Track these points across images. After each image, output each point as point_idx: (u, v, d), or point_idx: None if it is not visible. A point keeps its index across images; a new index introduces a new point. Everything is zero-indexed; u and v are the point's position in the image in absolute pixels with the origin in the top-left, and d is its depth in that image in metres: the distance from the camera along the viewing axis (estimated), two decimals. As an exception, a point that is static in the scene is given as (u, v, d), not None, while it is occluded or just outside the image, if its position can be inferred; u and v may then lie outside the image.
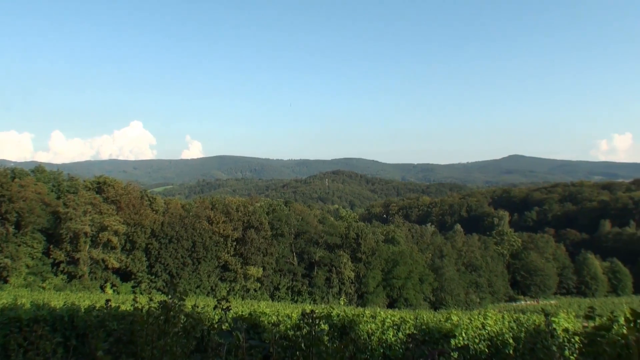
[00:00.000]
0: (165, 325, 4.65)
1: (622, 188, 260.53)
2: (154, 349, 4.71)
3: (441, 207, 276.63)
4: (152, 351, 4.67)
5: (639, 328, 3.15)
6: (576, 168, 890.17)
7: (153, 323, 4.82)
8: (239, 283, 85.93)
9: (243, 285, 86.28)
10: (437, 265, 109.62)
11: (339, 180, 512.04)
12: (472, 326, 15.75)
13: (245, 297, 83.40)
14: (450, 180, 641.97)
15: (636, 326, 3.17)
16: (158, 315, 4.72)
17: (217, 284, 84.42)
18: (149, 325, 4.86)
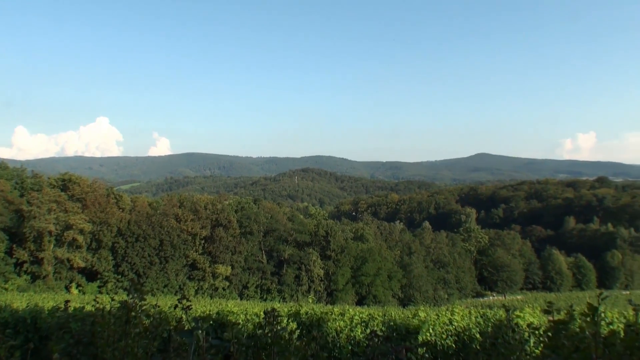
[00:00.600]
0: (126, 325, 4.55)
1: (586, 186, 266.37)
2: (114, 350, 4.61)
3: (410, 204, 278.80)
4: (112, 352, 4.57)
5: (595, 321, 3.22)
6: (542, 166, 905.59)
7: (114, 324, 4.72)
8: (207, 282, 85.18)
9: (211, 284, 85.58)
10: (405, 262, 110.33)
11: (308, 178, 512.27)
12: (439, 322, 15.86)
13: (213, 295, 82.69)
14: (418, 178, 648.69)
15: (593, 320, 3.24)
16: (119, 315, 4.62)
17: (185, 283, 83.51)
18: (110, 326, 4.76)
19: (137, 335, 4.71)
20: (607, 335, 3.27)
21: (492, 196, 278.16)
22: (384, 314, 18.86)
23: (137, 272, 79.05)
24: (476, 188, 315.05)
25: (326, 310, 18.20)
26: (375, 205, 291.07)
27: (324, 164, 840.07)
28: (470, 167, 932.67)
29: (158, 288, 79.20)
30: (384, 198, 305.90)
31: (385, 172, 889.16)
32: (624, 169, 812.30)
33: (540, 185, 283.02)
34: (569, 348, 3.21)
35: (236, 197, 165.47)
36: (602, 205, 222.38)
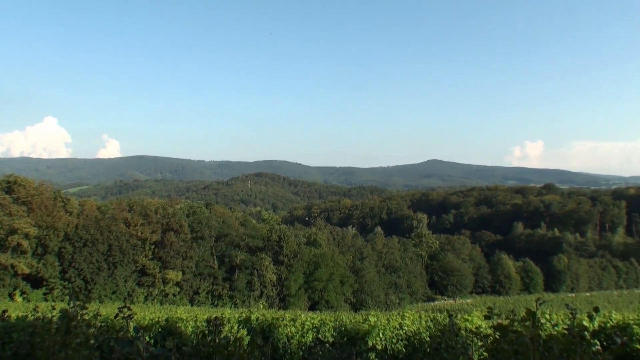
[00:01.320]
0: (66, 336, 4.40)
1: (533, 192, 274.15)
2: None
3: (362, 209, 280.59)
4: (52, 363, 4.43)
5: (537, 325, 3.32)
6: (491, 173, 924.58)
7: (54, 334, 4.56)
8: (157, 288, 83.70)
9: (161, 290, 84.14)
10: (357, 267, 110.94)
11: (261, 182, 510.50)
12: (389, 326, 15.98)
13: (163, 302, 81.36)
14: (371, 183, 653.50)
15: (535, 324, 3.33)
16: (59, 325, 4.47)
17: (135, 289, 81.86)
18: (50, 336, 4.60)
19: (79, 346, 4.57)
20: (546, 339, 3.37)
21: (443, 202, 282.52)
22: (335, 319, 18.91)
23: (85, 279, 77.14)
24: (427, 194, 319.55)
25: (277, 316, 18.14)
26: (328, 210, 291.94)
27: (277, 168, 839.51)
28: (422, 173, 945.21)
29: (106, 295, 77.44)
30: (337, 203, 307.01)
31: (338, 177, 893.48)
32: (570, 177, 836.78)
33: (489, 191, 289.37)
34: (509, 352, 3.31)
35: (188, 201, 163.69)
36: (549, 211, 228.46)
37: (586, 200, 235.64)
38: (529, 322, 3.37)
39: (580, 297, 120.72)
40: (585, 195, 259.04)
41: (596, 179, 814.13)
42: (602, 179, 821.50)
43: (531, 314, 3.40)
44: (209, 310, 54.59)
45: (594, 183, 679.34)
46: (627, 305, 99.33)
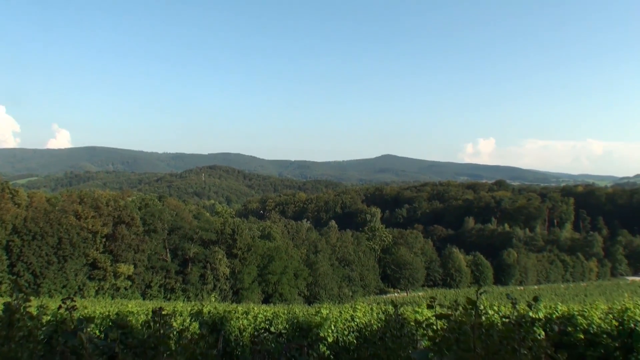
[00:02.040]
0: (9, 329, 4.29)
1: (485, 188, 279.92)
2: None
3: (317, 203, 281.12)
4: (-6, 357, 4.31)
5: (480, 314, 3.43)
6: (444, 169, 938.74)
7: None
8: (108, 282, 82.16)
9: (113, 283, 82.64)
10: (311, 260, 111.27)
11: (215, 175, 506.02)
12: (341, 319, 16.12)
13: (115, 296, 79.96)
14: (326, 177, 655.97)
15: (478, 313, 3.44)
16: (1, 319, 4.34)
17: (86, 283, 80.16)
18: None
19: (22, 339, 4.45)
20: (487, 327, 3.49)
21: (396, 196, 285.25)
22: (288, 312, 18.98)
23: (34, 273, 75.27)
24: (381, 188, 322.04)
25: (230, 309, 18.10)
26: (283, 204, 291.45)
27: (232, 161, 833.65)
28: (376, 168, 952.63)
29: (56, 289, 75.64)
30: (292, 197, 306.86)
31: (293, 171, 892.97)
32: (520, 173, 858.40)
33: (442, 187, 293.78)
34: (451, 340, 3.41)
35: (140, 193, 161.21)
36: (500, 206, 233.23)
37: (536, 196, 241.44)
38: (471, 311, 3.48)
39: (529, 289, 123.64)
40: (535, 191, 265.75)
41: (546, 176, 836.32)
42: (552, 177, 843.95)
43: (472, 303, 3.51)
44: (161, 303, 54.00)
45: (543, 180, 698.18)
46: (573, 297, 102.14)
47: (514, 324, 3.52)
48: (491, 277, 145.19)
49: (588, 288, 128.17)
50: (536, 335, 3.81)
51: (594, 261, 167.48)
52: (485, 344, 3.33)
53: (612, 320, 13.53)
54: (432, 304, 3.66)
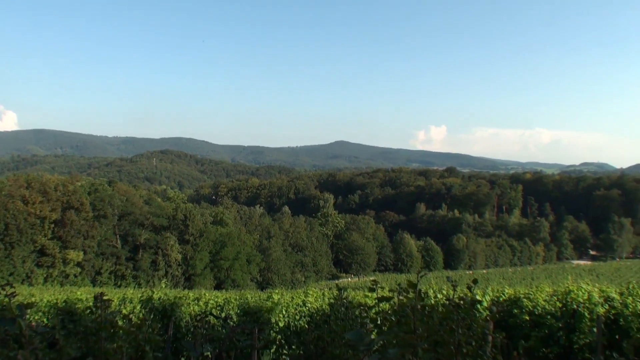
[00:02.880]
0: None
1: (436, 175, 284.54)
2: None
3: (270, 189, 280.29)
4: None
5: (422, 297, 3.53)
6: (396, 155, 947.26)
7: None
8: (57, 269, 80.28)
9: (62, 270, 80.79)
10: (264, 246, 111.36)
11: (167, 160, 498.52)
12: (293, 304, 16.21)
13: (64, 283, 78.23)
14: (279, 163, 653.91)
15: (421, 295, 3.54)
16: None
17: (33, 271, 78.08)
18: None
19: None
20: (428, 309, 3.58)
21: (349, 182, 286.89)
22: (240, 298, 18.95)
23: (-22, 260, 73.05)
24: (334, 174, 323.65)
25: (181, 295, 17.97)
26: (235, 189, 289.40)
27: (184, 146, 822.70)
28: (329, 154, 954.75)
29: (3, 277, 73.45)
30: (245, 182, 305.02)
31: (246, 156, 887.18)
32: (470, 161, 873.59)
33: (394, 173, 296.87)
34: (392, 322, 3.50)
35: (89, 178, 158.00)
36: (450, 193, 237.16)
37: (485, 183, 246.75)
38: (412, 294, 3.56)
39: (477, 274, 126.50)
40: (484, 178, 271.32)
41: (495, 164, 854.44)
42: (501, 164, 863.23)
43: (412, 286, 3.59)
44: (111, 290, 53.19)
45: (493, 167, 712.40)
46: (520, 281, 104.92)
47: (454, 306, 3.63)
48: (441, 261, 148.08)
49: (535, 272, 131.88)
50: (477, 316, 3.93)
51: (540, 246, 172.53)
52: (426, 325, 3.43)
53: (556, 302, 14.00)
54: (374, 287, 3.72)
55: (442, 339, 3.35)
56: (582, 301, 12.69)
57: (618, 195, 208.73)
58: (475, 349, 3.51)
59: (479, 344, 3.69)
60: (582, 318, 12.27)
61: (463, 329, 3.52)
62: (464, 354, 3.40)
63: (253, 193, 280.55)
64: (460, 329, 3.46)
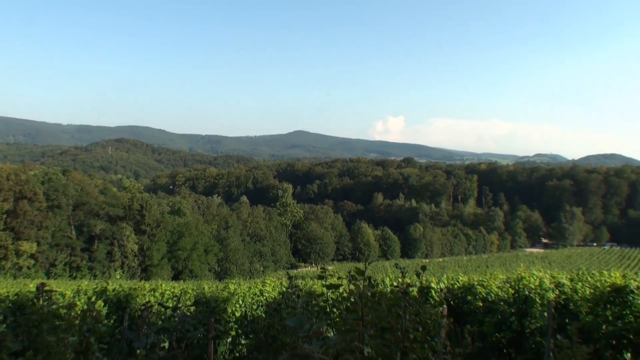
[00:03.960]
0: None
1: (393, 165, 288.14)
2: None
3: (228, 178, 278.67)
4: None
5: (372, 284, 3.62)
6: (355, 146, 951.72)
7: None
8: (10, 260, 78.27)
9: (15, 262, 78.81)
10: (222, 236, 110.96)
11: (123, 148, 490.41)
12: (250, 293, 16.23)
13: (17, 276, 76.35)
14: (237, 152, 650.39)
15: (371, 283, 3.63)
16: None
17: (-16, 263, 76.29)
18: None
19: None
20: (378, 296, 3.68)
21: (308, 172, 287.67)
22: (197, 288, 18.89)
23: None
24: (293, 164, 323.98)
25: (136, 287, 17.80)
26: (193, 178, 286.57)
27: (140, 134, 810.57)
28: (288, 143, 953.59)
29: (-49, 269, 71.51)
30: (203, 172, 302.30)
31: (204, 145, 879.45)
32: (427, 151, 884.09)
33: (352, 163, 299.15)
34: (340, 308, 3.60)
35: (43, 167, 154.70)
36: (407, 183, 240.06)
37: (442, 173, 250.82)
38: (360, 282, 3.65)
39: (434, 262, 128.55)
40: (441, 169, 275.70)
41: (451, 154, 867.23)
42: (457, 155, 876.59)
43: (360, 273, 3.68)
44: (65, 282, 52.24)
45: (449, 158, 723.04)
46: (475, 269, 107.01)
47: (401, 292, 3.73)
48: (398, 250, 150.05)
49: (489, 260, 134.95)
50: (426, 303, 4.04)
51: (495, 234, 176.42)
52: (375, 311, 3.52)
53: (508, 289, 14.41)
54: (323, 275, 3.80)
55: (389, 325, 3.44)
56: (533, 287, 13.08)
57: (569, 186, 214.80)
58: (423, 335, 3.62)
59: (428, 329, 3.81)
60: (534, 303, 12.65)
61: (411, 315, 3.62)
62: (411, 339, 3.49)
63: (211, 183, 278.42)
64: (407, 315, 3.56)
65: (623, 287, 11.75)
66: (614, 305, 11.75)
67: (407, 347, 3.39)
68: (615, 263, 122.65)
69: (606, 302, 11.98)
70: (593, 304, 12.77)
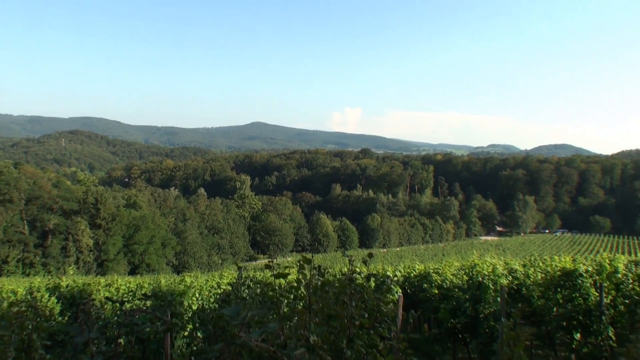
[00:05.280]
0: None
1: (351, 156, 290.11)
2: None
3: (185, 171, 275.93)
4: None
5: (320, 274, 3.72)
6: (313, 137, 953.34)
7: None
8: (-42, 257, 76.39)
9: (-37, 259, 76.93)
10: (180, 229, 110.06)
11: (77, 140, 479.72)
12: (207, 286, 16.20)
13: (-33, 273, 74.53)
14: (194, 144, 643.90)
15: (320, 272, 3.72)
16: None
17: None
18: None
19: None
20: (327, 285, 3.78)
21: (266, 164, 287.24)
22: (152, 282, 18.76)
23: None
24: (251, 156, 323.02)
25: (90, 282, 17.59)
26: (149, 171, 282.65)
27: (94, 126, 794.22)
28: (245, 135, 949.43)
29: None
30: (159, 164, 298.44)
31: (160, 137, 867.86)
32: (384, 142, 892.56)
33: (310, 154, 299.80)
34: (288, 297, 3.68)
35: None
36: (365, 174, 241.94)
37: (398, 164, 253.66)
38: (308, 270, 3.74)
39: (392, 251, 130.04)
40: (397, 159, 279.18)
41: (408, 145, 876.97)
42: (413, 146, 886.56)
43: (307, 262, 3.76)
44: (18, 280, 51.10)
45: (405, 149, 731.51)
46: (431, 257, 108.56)
47: (348, 280, 3.83)
48: (357, 240, 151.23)
49: (445, 248, 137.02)
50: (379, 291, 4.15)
51: (451, 223, 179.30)
52: (323, 299, 3.61)
53: (463, 276, 14.82)
54: (270, 265, 3.86)
55: (335, 312, 3.53)
56: (486, 273, 13.46)
57: (522, 175, 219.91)
58: (370, 321, 3.72)
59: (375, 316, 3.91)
60: (487, 289, 13.03)
61: (357, 302, 3.72)
62: (356, 325, 3.58)
63: (167, 175, 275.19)
64: (353, 302, 3.66)
65: (572, 271, 12.23)
66: (564, 288, 12.24)
67: (354, 333, 3.49)
68: (566, 249, 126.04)
69: (557, 286, 12.45)
70: (544, 288, 13.27)
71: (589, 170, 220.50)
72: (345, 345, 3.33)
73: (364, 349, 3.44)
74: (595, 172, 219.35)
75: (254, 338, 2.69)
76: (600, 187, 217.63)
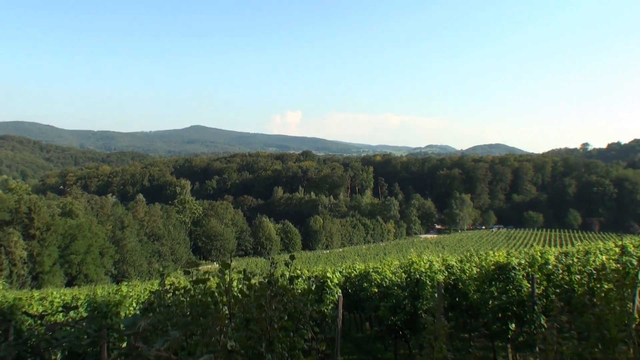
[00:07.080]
0: None
1: (292, 158, 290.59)
2: None
3: (123, 176, 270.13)
4: None
5: (246, 278, 3.78)
6: (253, 140, 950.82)
7: None
8: None
9: None
10: (118, 237, 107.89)
11: (7, 146, 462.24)
12: (145, 295, 15.98)
13: None
14: (132, 149, 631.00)
15: (246, 276, 3.77)
16: None
17: None
18: None
19: None
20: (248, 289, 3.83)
21: (206, 168, 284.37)
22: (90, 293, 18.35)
23: None
24: (191, 160, 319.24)
25: (22, 296, 17.09)
26: (85, 177, 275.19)
27: (26, 130, 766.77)
28: (185, 139, 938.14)
29: None
30: (95, 170, 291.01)
31: (96, 142, 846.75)
32: (325, 144, 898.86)
33: (251, 157, 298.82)
34: (208, 302, 3.71)
35: None
36: (306, 176, 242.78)
37: (339, 166, 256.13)
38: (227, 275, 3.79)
39: (334, 252, 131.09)
40: (338, 161, 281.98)
41: (348, 147, 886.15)
42: (354, 147, 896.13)
43: (225, 266, 3.81)
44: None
45: (346, 150, 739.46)
46: (373, 257, 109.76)
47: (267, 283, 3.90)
48: (300, 243, 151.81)
49: (387, 247, 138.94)
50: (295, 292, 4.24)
51: (391, 223, 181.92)
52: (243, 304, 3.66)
53: (401, 274, 15.14)
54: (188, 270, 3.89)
55: (253, 316, 3.58)
56: (424, 270, 13.83)
57: (459, 174, 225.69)
58: (292, 324, 3.78)
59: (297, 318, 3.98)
60: (425, 285, 13.39)
61: (277, 304, 3.78)
62: (275, 328, 3.64)
63: (104, 181, 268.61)
64: (273, 305, 3.72)
65: (505, 264, 12.74)
66: (498, 281, 12.72)
67: (273, 337, 3.54)
68: (502, 243, 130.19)
69: (491, 280, 12.92)
70: (480, 282, 13.75)
71: (521, 168, 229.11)
72: (264, 349, 3.37)
73: (285, 351, 3.49)
74: (527, 170, 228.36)
75: (155, 347, 2.69)
76: (533, 184, 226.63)
